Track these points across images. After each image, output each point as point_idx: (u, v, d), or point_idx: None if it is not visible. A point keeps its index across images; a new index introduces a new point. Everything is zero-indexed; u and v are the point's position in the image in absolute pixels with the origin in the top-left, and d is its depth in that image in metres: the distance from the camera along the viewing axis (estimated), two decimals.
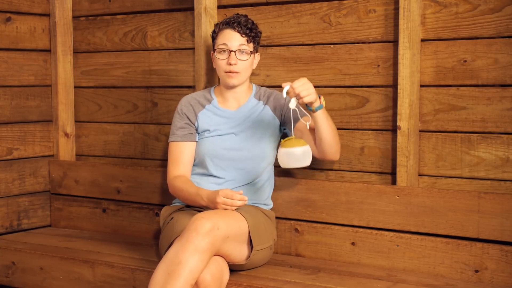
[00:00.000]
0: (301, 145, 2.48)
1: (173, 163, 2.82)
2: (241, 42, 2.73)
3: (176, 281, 2.36)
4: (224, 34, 2.75)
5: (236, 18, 2.77)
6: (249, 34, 2.75)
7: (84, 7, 3.59)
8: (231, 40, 2.73)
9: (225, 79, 2.77)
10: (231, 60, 2.72)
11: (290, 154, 2.48)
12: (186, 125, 2.82)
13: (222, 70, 2.76)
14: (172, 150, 2.83)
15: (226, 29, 2.75)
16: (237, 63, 2.72)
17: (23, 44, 3.52)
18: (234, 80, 2.76)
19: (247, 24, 2.75)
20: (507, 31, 2.55)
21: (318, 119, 2.61)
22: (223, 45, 2.74)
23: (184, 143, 2.82)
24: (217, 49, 2.76)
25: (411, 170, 2.71)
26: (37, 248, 3.14)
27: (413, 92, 2.69)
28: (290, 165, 2.49)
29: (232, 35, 2.74)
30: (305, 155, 2.49)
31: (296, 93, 2.48)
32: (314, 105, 2.56)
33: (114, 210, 3.45)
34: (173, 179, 2.79)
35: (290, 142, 2.48)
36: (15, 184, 3.52)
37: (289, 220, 2.95)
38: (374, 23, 2.81)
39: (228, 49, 2.73)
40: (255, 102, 2.85)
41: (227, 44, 2.73)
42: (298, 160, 2.48)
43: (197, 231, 2.40)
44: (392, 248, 2.72)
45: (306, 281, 2.56)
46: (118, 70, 3.52)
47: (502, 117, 2.58)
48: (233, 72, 2.73)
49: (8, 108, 3.48)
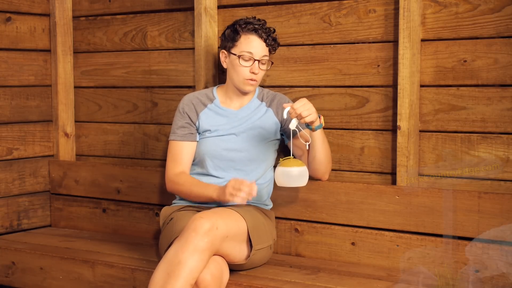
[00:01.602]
0: (299, 166, 2.53)
1: (173, 161, 2.82)
2: (265, 53, 2.73)
3: (176, 281, 2.36)
4: (250, 41, 2.71)
5: (262, 25, 2.73)
6: (273, 45, 2.75)
7: (84, 7, 3.59)
8: (257, 49, 2.71)
9: (242, 85, 2.75)
10: (254, 69, 2.71)
11: (287, 174, 2.52)
12: (186, 124, 2.82)
13: (242, 76, 2.73)
14: (172, 148, 2.83)
15: (253, 35, 2.71)
16: (259, 73, 2.73)
17: (23, 44, 3.52)
18: (251, 88, 2.76)
19: (270, 33, 2.74)
20: (507, 31, 2.55)
21: (315, 138, 2.66)
22: (248, 53, 2.70)
23: (184, 142, 2.82)
24: (242, 56, 2.71)
25: (411, 170, 2.71)
26: (37, 248, 3.14)
27: (413, 92, 2.69)
28: (286, 184, 2.54)
29: (258, 44, 2.71)
30: (301, 176, 2.54)
31: (298, 113, 2.50)
32: (315, 124, 2.59)
33: (114, 210, 3.45)
34: (174, 176, 2.79)
35: (287, 162, 2.53)
36: (15, 184, 3.52)
37: (289, 220, 2.95)
38: (374, 23, 2.81)
39: (253, 58, 2.71)
40: (257, 103, 2.85)
41: (253, 52, 2.70)
42: (294, 180, 2.53)
43: (196, 231, 2.41)
44: (392, 248, 2.72)
45: (306, 281, 2.56)
46: (118, 70, 3.52)
47: (502, 117, 2.58)
48: (253, 80, 2.73)
49: (8, 108, 3.48)
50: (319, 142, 2.68)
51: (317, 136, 2.66)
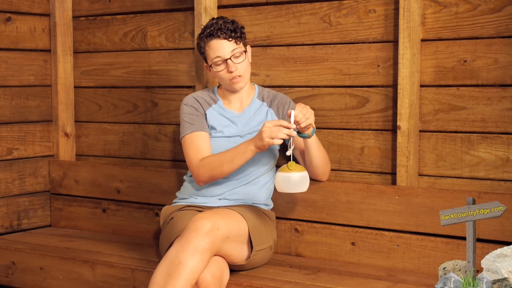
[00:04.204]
0: (299, 171, 2.51)
1: (192, 153, 2.73)
2: (232, 48, 2.70)
3: (176, 281, 2.36)
4: (212, 46, 2.70)
5: (215, 25, 2.71)
6: (235, 36, 2.71)
7: (84, 7, 3.59)
8: (222, 50, 2.69)
9: (231, 86, 2.75)
10: (230, 68, 2.70)
11: (288, 179, 2.51)
12: (197, 117, 2.78)
13: (225, 79, 2.73)
14: (186, 143, 2.76)
15: (212, 40, 2.70)
16: (237, 68, 2.71)
17: (23, 44, 3.52)
18: (240, 84, 2.75)
19: (228, 26, 2.71)
20: (507, 31, 2.55)
21: (311, 145, 2.68)
22: (216, 58, 2.70)
23: (199, 132, 2.76)
24: (213, 63, 2.71)
25: (411, 170, 2.71)
26: (37, 248, 3.14)
27: (413, 92, 2.69)
28: (286, 190, 2.53)
29: (220, 45, 2.69)
30: (302, 181, 2.53)
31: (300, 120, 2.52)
32: (309, 131, 2.60)
33: (114, 210, 3.45)
34: (199, 162, 2.70)
35: (288, 167, 2.51)
36: (15, 184, 3.52)
37: (289, 220, 2.95)
38: (374, 23, 2.81)
39: (223, 59, 2.70)
40: (259, 103, 2.85)
41: (220, 55, 2.69)
42: (295, 186, 2.52)
43: (197, 231, 2.41)
44: (392, 248, 2.72)
45: (306, 281, 2.56)
46: (118, 70, 3.52)
47: (502, 117, 2.58)
48: (236, 77, 2.73)
49: (8, 108, 3.48)
50: (314, 147, 2.69)
51: (312, 143, 2.67)
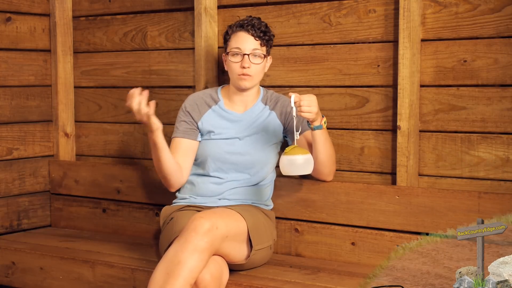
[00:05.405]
0: (303, 153, 2.52)
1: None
2: (254, 46, 2.72)
3: (176, 281, 2.36)
4: (237, 37, 2.74)
5: (250, 20, 2.75)
6: (263, 37, 2.74)
7: (84, 7, 3.59)
8: (245, 43, 2.72)
9: (237, 81, 2.76)
10: (244, 63, 2.71)
11: (292, 162, 2.52)
12: (188, 122, 2.82)
13: (235, 73, 2.74)
14: (171, 145, 2.83)
15: (240, 31, 2.74)
16: (250, 67, 2.72)
17: (23, 44, 3.52)
18: (247, 83, 2.75)
19: (260, 27, 2.74)
20: (507, 31, 2.55)
21: (316, 139, 2.66)
22: (236, 48, 2.72)
23: (183, 139, 2.81)
24: (231, 52, 2.74)
25: (411, 170, 2.71)
26: (37, 248, 3.14)
27: (413, 92, 2.69)
28: (291, 172, 2.54)
29: (245, 38, 2.72)
30: (306, 163, 2.53)
31: (300, 103, 2.52)
32: (314, 123, 2.61)
33: (114, 210, 3.45)
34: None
35: (292, 150, 2.52)
36: (15, 184, 3.52)
37: (289, 220, 2.95)
38: (374, 23, 2.81)
39: (241, 52, 2.72)
40: (261, 106, 2.85)
41: (241, 47, 2.72)
42: (299, 168, 2.53)
43: (196, 230, 2.41)
44: (392, 248, 2.72)
45: (306, 281, 2.56)
46: (118, 70, 3.52)
47: (502, 117, 2.58)
48: (246, 75, 2.73)
49: (8, 108, 3.48)
50: (320, 143, 2.68)
51: (318, 137, 2.66)
